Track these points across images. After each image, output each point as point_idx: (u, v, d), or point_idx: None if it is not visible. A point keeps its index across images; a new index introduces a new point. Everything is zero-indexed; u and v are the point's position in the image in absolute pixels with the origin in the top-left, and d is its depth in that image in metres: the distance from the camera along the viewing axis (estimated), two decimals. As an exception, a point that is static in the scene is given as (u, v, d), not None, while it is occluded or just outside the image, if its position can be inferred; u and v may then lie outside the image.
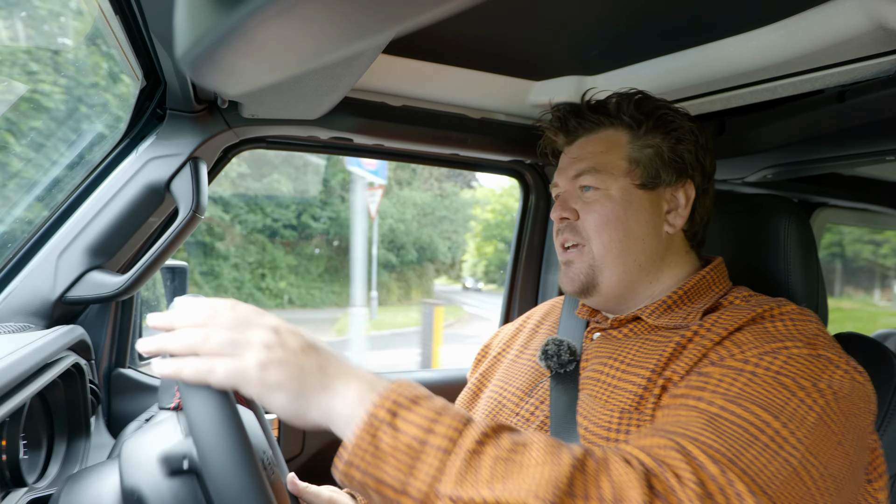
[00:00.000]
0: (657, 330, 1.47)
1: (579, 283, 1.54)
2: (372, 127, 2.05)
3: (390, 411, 0.96)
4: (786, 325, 1.25)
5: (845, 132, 1.83)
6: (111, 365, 2.05)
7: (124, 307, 2.05)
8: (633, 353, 1.42)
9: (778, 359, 1.15)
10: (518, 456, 0.95)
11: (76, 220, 1.75)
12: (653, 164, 1.53)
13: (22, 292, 1.69)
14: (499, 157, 2.46)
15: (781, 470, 1.01)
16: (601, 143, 1.56)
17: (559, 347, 1.55)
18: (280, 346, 1.00)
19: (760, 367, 1.14)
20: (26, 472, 1.40)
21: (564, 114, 1.63)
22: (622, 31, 1.63)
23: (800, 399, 1.08)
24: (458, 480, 0.90)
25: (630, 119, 1.54)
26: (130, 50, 1.55)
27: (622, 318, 1.55)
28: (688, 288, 1.50)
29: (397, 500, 0.92)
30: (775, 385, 1.10)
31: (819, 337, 1.22)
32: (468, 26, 1.61)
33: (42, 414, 1.57)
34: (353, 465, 0.94)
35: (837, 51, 1.48)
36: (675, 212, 1.55)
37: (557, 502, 0.89)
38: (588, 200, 1.54)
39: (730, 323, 1.30)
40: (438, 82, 1.96)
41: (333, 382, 1.01)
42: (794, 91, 1.74)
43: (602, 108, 1.59)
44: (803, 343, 1.19)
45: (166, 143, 1.81)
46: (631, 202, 1.51)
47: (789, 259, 1.62)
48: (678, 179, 1.54)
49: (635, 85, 1.65)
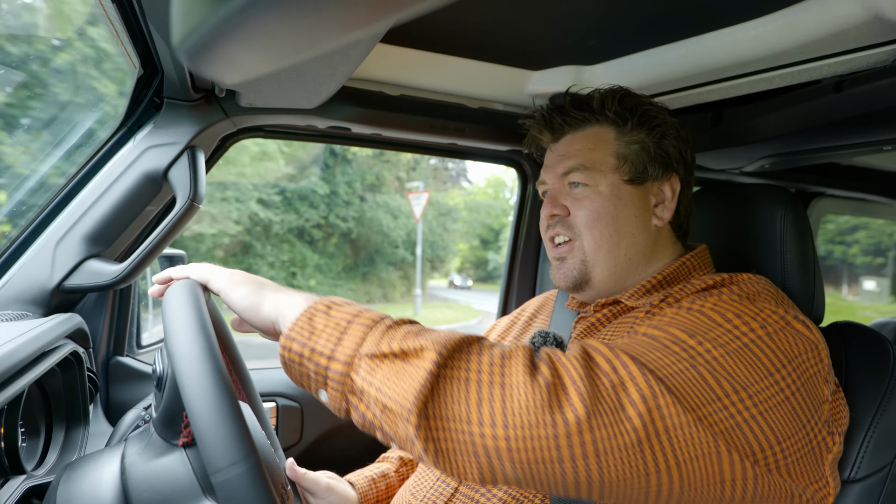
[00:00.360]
0: (632, 310, 1.51)
1: (572, 278, 1.57)
2: (370, 116, 2.05)
3: (326, 305, 1.14)
4: (730, 289, 1.31)
5: (842, 122, 1.83)
6: (109, 353, 2.06)
7: (122, 296, 2.06)
8: (607, 333, 1.47)
9: (709, 300, 1.21)
10: (427, 331, 1.11)
11: (74, 208, 1.75)
12: (640, 159, 1.55)
13: (20, 280, 1.69)
14: (496, 146, 2.46)
15: (685, 371, 1.06)
16: (588, 140, 1.58)
17: (545, 339, 1.59)
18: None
19: (694, 307, 1.21)
20: (25, 460, 1.41)
21: (549, 111, 1.64)
22: (620, 20, 1.63)
23: (724, 329, 1.13)
24: (376, 343, 1.06)
25: (615, 115, 1.56)
26: (128, 38, 1.54)
27: (603, 302, 1.58)
28: (667, 273, 1.54)
29: (327, 366, 1.07)
30: (700, 317, 1.16)
31: (762, 294, 1.27)
32: (466, 15, 1.61)
33: (40, 402, 1.57)
34: (292, 339, 1.10)
35: (834, 41, 1.48)
36: (663, 205, 1.58)
37: (450, 349, 1.05)
38: (578, 196, 1.56)
39: (687, 292, 1.37)
40: (436, 71, 1.96)
41: (284, 290, 1.22)
42: (791, 81, 1.74)
43: (586, 105, 1.60)
44: (741, 294, 1.25)
45: (164, 131, 1.81)
46: (620, 197, 1.54)
47: (786, 249, 1.62)
48: (664, 173, 1.58)
49: (633, 74, 1.66)
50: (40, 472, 1.46)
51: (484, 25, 1.67)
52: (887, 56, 1.53)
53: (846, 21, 1.37)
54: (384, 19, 0.46)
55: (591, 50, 1.83)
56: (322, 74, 1.59)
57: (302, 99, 1.82)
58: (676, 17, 1.59)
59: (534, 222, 2.84)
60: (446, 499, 1.49)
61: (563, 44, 1.79)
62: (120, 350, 2.10)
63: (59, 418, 1.61)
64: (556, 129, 1.64)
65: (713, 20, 1.58)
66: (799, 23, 1.45)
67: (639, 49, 1.80)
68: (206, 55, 0.53)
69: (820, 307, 1.67)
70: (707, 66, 1.73)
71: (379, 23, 0.46)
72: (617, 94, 1.59)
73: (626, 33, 1.71)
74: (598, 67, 1.92)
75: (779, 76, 1.71)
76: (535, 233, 2.85)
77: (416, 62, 1.88)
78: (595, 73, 1.93)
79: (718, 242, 1.72)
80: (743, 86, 1.82)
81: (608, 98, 1.58)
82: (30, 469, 1.44)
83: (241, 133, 2.09)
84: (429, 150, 2.58)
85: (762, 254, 1.67)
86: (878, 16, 1.32)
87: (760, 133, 2.05)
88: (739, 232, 1.73)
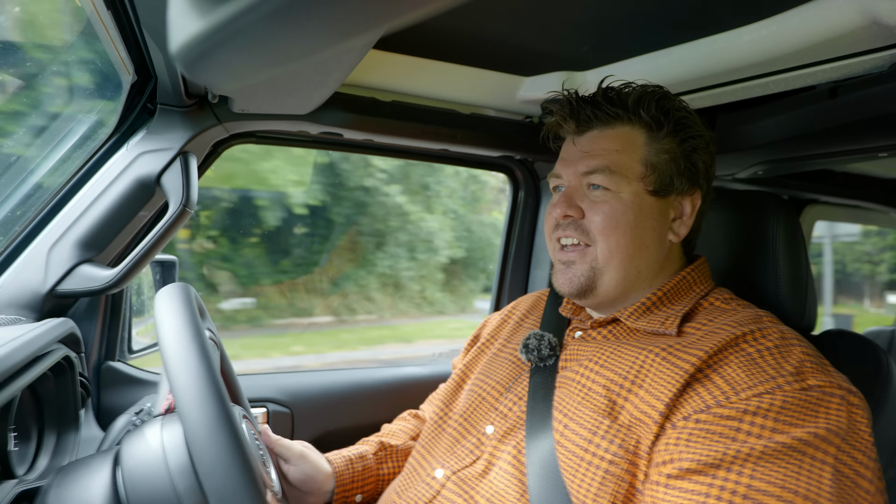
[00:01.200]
0: (635, 333, 1.47)
1: (578, 284, 1.49)
2: (362, 122, 2.05)
3: None
4: (772, 354, 1.22)
5: (837, 128, 1.83)
6: (101, 358, 2.06)
7: (114, 301, 2.05)
8: (607, 356, 1.41)
9: (773, 408, 1.12)
10: None
11: (67, 213, 1.75)
12: (668, 170, 1.48)
13: (12, 285, 1.69)
14: (489, 152, 2.46)
15: None
16: (617, 141, 1.49)
17: (540, 342, 1.56)
18: None
19: (765, 431, 1.11)
20: (16, 464, 1.40)
21: (579, 101, 1.54)
22: (613, 26, 1.63)
23: (811, 459, 1.07)
24: None
25: (650, 118, 1.47)
26: (122, 44, 1.55)
27: (601, 321, 1.53)
28: (667, 289, 1.49)
29: None
30: (785, 452, 1.08)
31: (805, 363, 1.21)
32: (458, 22, 1.61)
33: (32, 406, 1.57)
34: None
35: (830, 47, 1.48)
36: (680, 220, 1.52)
37: None
38: (596, 199, 1.48)
39: (709, 343, 1.27)
40: (428, 78, 1.96)
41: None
42: (785, 87, 1.74)
43: (620, 102, 1.50)
44: (792, 377, 1.17)
45: (157, 137, 1.81)
46: (642, 208, 1.46)
47: (778, 256, 1.62)
48: (689, 188, 1.51)
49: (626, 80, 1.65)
50: (31, 477, 1.45)
51: (476, 32, 1.67)
52: (883, 62, 1.53)
53: (842, 26, 1.37)
54: (377, 27, 0.46)
55: (583, 56, 1.83)
56: (314, 80, 1.59)
57: (294, 105, 1.82)
58: (669, 23, 1.59)
59: (525, 227, 2.85)
60: (429, 499, 1.49)
61: (555, 50, 1.80)
62: (112, 355, 2.09)
63: (50, 423, 1.61)
64: (582, 120, 1.53)
65: (707, 25, 1.58)
66: (794, 28, 1.44)
67: (631, 55, 1.80)
68: (201, 62, 0.53)
69: (812, 315, 1.67)
70: (701, 72, 1.73)
71: (371, 31, 0.46)
72: (655, 95, 1.49)
73: (619, 39, 1.71)
74: (591, 73, 1.92)
75: (773, 82, 1.71)
76: (526, 237, 2.85)
77: (408, 68, 1.88)
78: (587, 79, 1.93)
79: (710, 250, 1.72)
80: (737, 91, 1.82)
81: (645, 98, 1.48)
82: (21, 473, 1.43)
83: (233, 139, 2.10)
84: (421, 155, 2.58)
85: (754, 261, 1.67)
86: (875, 21, 1.31)
87: (754, 139, 2.05)
88: (731, 239, 1.73)
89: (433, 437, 1.70)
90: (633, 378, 1.30)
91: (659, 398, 1.23)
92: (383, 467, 1.88)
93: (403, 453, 1.93)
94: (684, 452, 1.14)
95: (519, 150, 2.45)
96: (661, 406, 1.21)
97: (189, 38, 0.48)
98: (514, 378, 1.60)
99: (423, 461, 1.64)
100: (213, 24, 0.45)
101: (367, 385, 2.53)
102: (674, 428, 1.19)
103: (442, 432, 1.68)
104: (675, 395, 1.21)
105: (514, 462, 1.39)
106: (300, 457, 1.73)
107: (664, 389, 1.23)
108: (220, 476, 0.94)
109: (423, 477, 1.57)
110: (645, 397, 1.25)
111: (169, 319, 1.13)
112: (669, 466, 1.14)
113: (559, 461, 1.31)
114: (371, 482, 1.85)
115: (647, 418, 1.23)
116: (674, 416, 1.20)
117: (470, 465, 1.48)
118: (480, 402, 1.62)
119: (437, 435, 1.69)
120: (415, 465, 1.67)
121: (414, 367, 2.70)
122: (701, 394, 1.20)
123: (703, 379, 1.22)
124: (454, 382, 1.82)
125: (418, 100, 2.12)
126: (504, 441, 1.47)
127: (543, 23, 1.61)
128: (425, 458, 1.65)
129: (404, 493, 1.59)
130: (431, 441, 1.69)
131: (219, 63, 0.53)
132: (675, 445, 1.16)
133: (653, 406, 1.23)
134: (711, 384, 1.20)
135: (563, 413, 1.38)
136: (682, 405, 1.20)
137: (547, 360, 1.54)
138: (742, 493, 1.04)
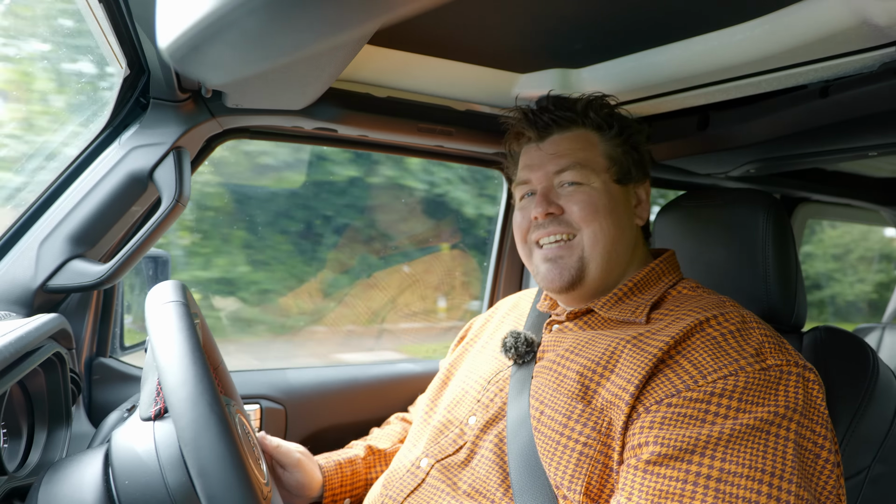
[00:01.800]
0: (608, 322, 1.54)
1: (569, 277, 1.56)
2: (356, 118, 2.05)
3: None
4: (734, 337, 1.31)
5: (828, 127, 1.84)
6: (92, 354, 2.05)
7: (106, 296, 2.05)
8: (582, 344, 1.48)
9: (737, 389, 1.20)
10: None
11: (58, 208, 1.74)
12: (626, 161, 1.63)
13: (3, 280, 1.68)
14: (483, 148, 2.45)
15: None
16: (577, 141, 1.63)
17: (516, 340, 1.62)
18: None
19: (731, 412, 1.19)
20: (6, 461, 1.40)
21: (536, 110, 1.68)
22: (607, 24, 1.63)
23: (774, 437, 1.16)
24: None
25: (601, 119, 1.63)
26: (114, 38, 1.54)
27: (577, 311, 1.60)
28: (637, 280, 1.57)
29: None
30: (750, 434, 1.16)
31: (765, 343, 1.29)
32: (453, 18, 1.60)
33: (23, 402, 1.56)
34: None
35: (821, 46, 1.48)
36: (640, 206, 1.66)
37: None
38: (570, 193, 1.58)
39: (676, 328, 1.35)
40: (423, 74, 1.96)
41: None
42: (777, 86, 1.75)
43: (572, 107, 1.66)
44: (753, 357, 1.26)
45: (149, 131, 1.80)
46: (612, 194, 1.58)
47: (768, 253, 1.63)
48: (641, 177, 1.67)
49: (620, 78, 1.67)
50: (22, 474, 1.44)
51: (471, 28, 1.67)
52: (874, 61, 1.54)
53: (833, 26, 1.38)
54: (370, 22, 0.46)
55: (577, 53, 1.83)
56: (309, 75, 1.59)
57: (288, 100, 1.82)
58: (663, 21, 1.59)
59: (520, 225, 2.83)
60: (412, 489, 1.54)
61: (550, 47, 1.80)
62: (103, 351, 2.08)
63: (41, 419, 1.60)
64: (542, 127, 1.66)
65: (700, 24, 1.59)
66: (786, 27, 1.45)
67: (626, 52, 1.80)
68: (193, 55, 0.53)
69: (802, 312, 1.68)
70: (694, 71, 1.73)
71: (365, 25, 0.46)
72: (598, 101, 1.68)
73: (613, 37, 1.71)
74: (585, 71, 1.92)
75: (765, 81, 1.72)
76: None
77: (404, 64, 1.88)
78: (581, 77, 1.93)
79: (701, 247, 1.73)
80: (729, 90, 1.82)
81: (593, 103, 1.66)
82: (11, 470, 1.43)
83: (227, 134, 2.08)
84: (415, 152, 2.58)
85: (744, 258, 1.68)
86: (866, 21, 1.32)
87: (746, 137, 2.05)
88: (722, 236, 1.74)
89: (420, 432, 1.76)
90: (605, 363, 1.38)
91: (630, 380, 1.29)
92: (372, 472, 1.95)
93: (391, 457, 1.99)
94: (659, 436, 1.21)
95: None
96: (632, 388, 1.28)
97: (179, 31, 0.48)
98: (495, 372, 1.66)
99: (409, 453, 1.69)
100: (204, 17, 0.45)
101: (360, 382, 2.52)
102: (647, 412, 1.26)
103: (427, 426, 1.74)
104: (645, 378, 1.28)
105: (495, 450, 1.46)
106: (296, 465, 1.79)
107: (634, 373, 1.30)
108: (213, 477, 0.94)
109: (408, 466, 1.61)
110: (616, 381, 1.32)
111: (161, 319, 1.13)
112: (646, 450, 1.21)
113: (537, 446, 1.38)
114: (360, 485, 1.92)
115: (619, 400, 1.29)
116: (646, 400, 1.27)
117: (453, 453, 1.55)
118: (464, 395, 1.68)
119: (423, 429, 1.76)
120: (400, 457, 1.73)
121: (407, 363, 2.70)
122: (671, 378, 1.27)
123: (672, 364, 1.30)
124: (440, 381, 1.90)
125: (413, 96, 2.11)
126: (486, 431, 1.53)
127: (538, 20, 1.61)
128: (411, 452, 1.70)
129: (390, 485, 1.62)
130: (418, 436, 1.75)
131: (209, 57, 0.53)
132: (650, 429, 1.23)
133: (624, 388, 1.29)
134: (680, 369, 1.28)
135: (540, 400, 1.45)
136: (653, 389, 1.27)
137: (525, 356, 1.60)
138: (716, 477, 1.13)
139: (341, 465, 1.90)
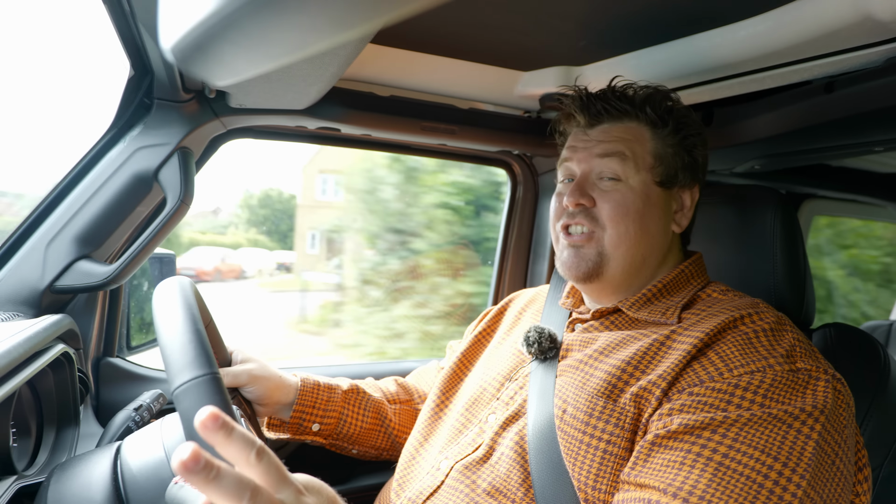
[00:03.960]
0: (637, 323, 1.51)
1: (585, 268, 1.53)
2: (360, 117, 2.05)
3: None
4: (766, 336, 1.29)
5: (833, 123, 1.83)
6: (99, 354, 2.05)
7: (112, 296, 2.05)
8: (611, 345, 1.45)
9: (763, 385, 1.19)
10: None
11: (64, 209, 1.75)
12: (674, 163, 1.56)
13: (11, 281, 1.69)
14: (487, 147, 2.46)
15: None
16: (628, 133, 1.56)
17: (540, 335, 1.58)
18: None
19: (754, 406, 1.17)
20: (16, 460, 1.41)
21: (590, 95, 1.61)
22: (610, 21, 1.63)
23: (796, 431, 1.13)
24: None
25: (656, 116, 1.56)
26: (119, 39, 1.55)
27: (603, 310, 1.58)
28: (667, 281, 1.54)
29: None
30: (771, 422, 1.14)
31: (796, 347, 1.27)
32: (456, 16, 1.60)
33: (31, 402, 1.57)
34: None
35: (826, 42, 1.47)
36: (682, 212, 1.59)
37: None
38: (606, 189, 1.54)
39: (709, 325, 1.33)
40: (426, 72, 1.96)
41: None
42: (782, 82, 1.74)
43: (628, 99, 1.58)
44: (783, 358, 1.23)
45: (154, 132, 1.80)
46: (649, 197, 1.53)
47: (776, 250, 1.62)
48: (690, 182, 1.59)
49: (623, 75, 1.65)
50: (31, 473, 1.45)
51: (474, 26, 1.67)
52: (878, 57, 1.53)
53: (837, 21, 1.37)
54: (373, 21, 0.46)
55: (580, 51, 1.83)
56: (312, 75, 1.59)
57: (292, 99, 1.82)
58: (667, 18, 1.59)
59: (524, 222, 2.85)
60: (431, 491, 1.51)
61: (553, 45, 1.79)
62: (110, 351, 2.09)
63: (49, 419, 1.61)
64: (593, 114, 1.60)
65: (704, 21, 1.58)
66: (790, 23, 1.44)
67: (629, 50, 1.80)
68: (197, 56, 0.53)
69: (810, 308, 1.67)
70: (697, 67, 1.73)
71: (368, 24, 0.46)
72: (660, 94, 1.59)
73: (616, 34, 1.71)
74: (588, 68, 1.92)
75: (770, 77, 1.71)
76: (525, 232, 2.86)
77: (406, 63, 1.88)
78: (585, 74, 1.93)
79: (709, 243, 1.72)
80: (734, 86, 1.82)
81: (651, 97, 1.58)
82: (21, 469, 1.44)
83: (231, 134, 2.09)
84: (418, 151, 2.58)
85: (752, 255, 1.67)
86: (870, 16, 1.31)
87: (751, 134, 2.05)
88: (729, 233, 1.74)
89: (430, 425, 1.74)
90: (636, 364, 1.35)
91: (663, 376, 1.28)
92: (347, 408, 1.92)
93: (373, 406, 1.97)
94: (675, 419, 1.20)
95: (517, 145, 2.45)
96: (664, 384, 1.27)
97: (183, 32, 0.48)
98: (515, 369, 1.63)
99: (423, 450, 1.68)
100: (208, 17, 0.45)
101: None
102: (668, 400, 1.25)
103: (440, 422, 1.73)
104: (677, 374, 1.27)
105: (516, 448, 1.43)
106: (250, 379, 1.76)
107: (667, 369, 1.29)
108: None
109: (426, 468, 1.59)
110: (649, 378, 1.30)
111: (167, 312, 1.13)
112: (661, 429, 1.21)
113: (560, 445, 1.36)
114: (332, 416, 1.89)
115: (650, 395, 1.28)
116: (671, 391, 1.26)
117: (472, 452, 1.51)
118: (482, 392, 1.65)
119: (434, 423, 1.74)
120: (413, 454, 1.70)
121: (412, 361, 2.70)
122: (697, 370, 1.27)
123: (701, 357, 1.29)
124: (451, 371, 1.85)
125: (416, 94, 2.11)
126: (506, 428, 1.50)
127: (541, 18, 1.60)
128: (424, 448, 1.68)
129: (407, 486, 1.61)
130: (429, 430, 1.73)
131: (214, 56, 0.53)
132: (668, 415, 1.23)
133: (656, 384, 1.28)
134: (707, 361, 1.27)
135: (564, 399, 1.41)
136: (679, 381, 1.27)
137: (548, 352, 1.57)
138: (722, 452, 1.12)
139: (318, 387, 1.88)
